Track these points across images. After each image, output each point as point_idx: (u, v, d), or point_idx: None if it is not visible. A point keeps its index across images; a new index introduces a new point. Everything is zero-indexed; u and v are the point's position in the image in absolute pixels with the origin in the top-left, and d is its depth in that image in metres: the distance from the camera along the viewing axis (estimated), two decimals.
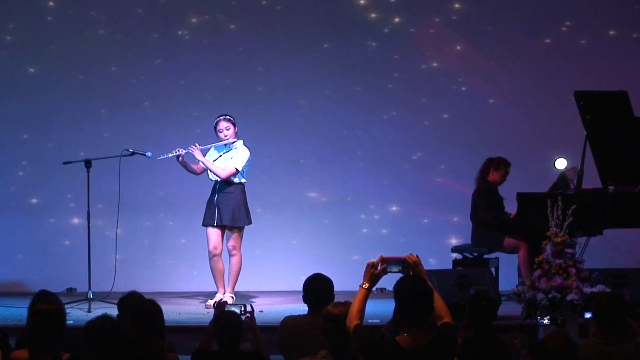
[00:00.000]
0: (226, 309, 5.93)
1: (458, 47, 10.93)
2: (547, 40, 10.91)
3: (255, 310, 8.85)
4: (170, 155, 9.23)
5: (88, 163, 9.36)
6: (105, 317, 5.19)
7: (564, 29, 10.92)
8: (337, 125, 10.94)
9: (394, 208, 10.94)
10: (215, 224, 9.21)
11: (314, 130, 10.91)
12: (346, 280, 8.00)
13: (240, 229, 9.26)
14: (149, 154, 9.50)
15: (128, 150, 9.48)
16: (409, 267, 4.80)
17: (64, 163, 9.59)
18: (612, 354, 5.41)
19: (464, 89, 10.94)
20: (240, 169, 9.20)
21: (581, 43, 10.88)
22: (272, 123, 10.88)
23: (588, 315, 7.60)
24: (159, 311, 5.14)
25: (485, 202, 9.64)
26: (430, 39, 10.94)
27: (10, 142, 10.73)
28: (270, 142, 10.80)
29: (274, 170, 10.81)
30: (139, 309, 5.16)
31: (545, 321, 7.94)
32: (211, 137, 9.41)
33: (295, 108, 10.92)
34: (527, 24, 10.90)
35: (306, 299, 6.17)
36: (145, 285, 9.51)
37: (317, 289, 6.13)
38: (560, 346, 4.76)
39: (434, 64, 10.96)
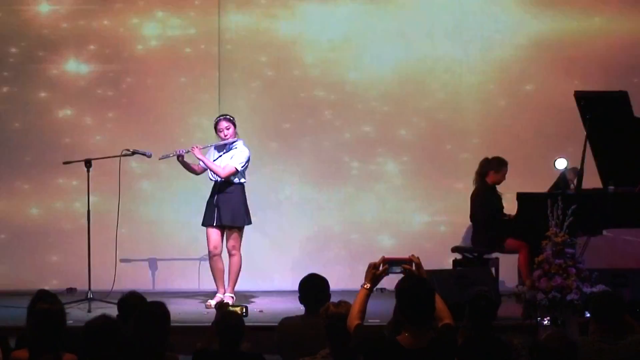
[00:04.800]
0: (228, 310, 5.94)
1: (458, 46, 10.92)
2: (548, 40, 10.89)
3: (255, 310, 8.94)
4: (170, 155, 9.24)
5: (88, 163, 9.36)
6: (105, 317, 5.19)
7: (564, 28, 10.90)
8: (338, 126, 10.94)
9: (394, 208, 10.92)
10: (214, 224, 9.21)
11: (314, 130, 10.91)
12: (345, 280, 8.02)
13: (240, 229, 9.26)
14: (149, 153, 9.50)
15: (128, 150, 9.48)
16: (415, 266, 4.81)
17: (64, 163, 9.59)
18: (610, 351, 5.42)
19: (462, 88, 10.92)
20: (240, 168, 9.20)
21: (582, 43, 10.86)
22: (272, 123, 10.88)
23: (588, 315, 7.61)
24: (167, 315, 5.13)
25: (485, 202, 9.64)
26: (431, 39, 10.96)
27: (10, 142, 10.72)
28: (270, 142, 10.79)
29: (274, 170, 10.81)
30: (147, 311, 5.14)
31: (546, 321, 7.94)
32: (211, 137, 9.41)
33: (297, 108, 10.91)
34: (529, 23, 10.89)
35: (302, 299, 6.18)
36: (145, 285, 9.53)
37: (312, 289, 6.14)
38: (560, 346, 4.77)
39: (433, 63, 10.95)
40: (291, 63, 10.93)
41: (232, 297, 9.22)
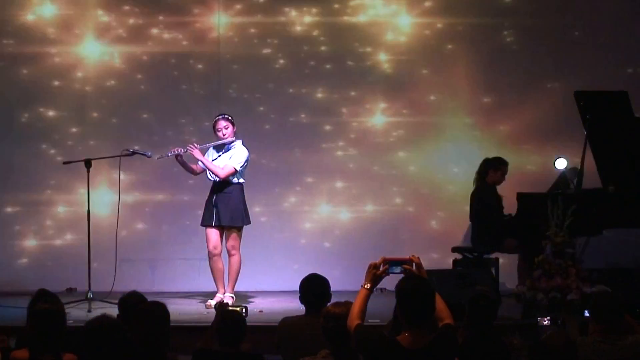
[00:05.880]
0: (228, 310, 5.94)
1: (458, 47, 10.91)
2: (548, 39, 10.89)
3: (255, 310, 8.94)
4: (169, 154, 9.23)
5: (88, 163, 9.34)
6: (105, 317, 5.18)
7: (564, 27, 10.90)
8: (341, 124, 10.93)
9: (394, 208, 10.92)
10: (213, 224, 9.21)
11: (314, 129, 10.90)
12: (345, 280, 8.01)
13: (239, 229, 9.25)
14: (149, 153, 9.49)
15: (128, 150, 9.47)
16: (415, 267, 4.81)
17: (64, 163, 9.59)
18: (610, 351, 5.43)
19: (462, 89, 10.92)
20: (239, 168, 9.19)
21: (582, 42, 10.86)
22: (274, 121, 10.87)
23: (588, 314, 7.61)
24: (166, 315, 5.13)
25: (484, 202, 9.64)
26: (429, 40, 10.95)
27: (10, 141, 10.71)
28: (272, 141, 10.78)
29: (274, 170, 10.80)
30: (147, 311, 5.14)
31: (546, 321, 7.95)
32: (210, 137, 9.40)
33: (301, 105, 10.88)
34: (527, 23, 10.90)
35: (303, 299, 6.18)
36: (145, 285, 9.51)
37: (313, 289, 6.14)
38: (560, 346, 4.77)
39: (432, 64, 10.94)
40: (300, 56, 10.89)
41: (232, 297, 9.21)
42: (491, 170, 9.74)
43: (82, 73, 10.78)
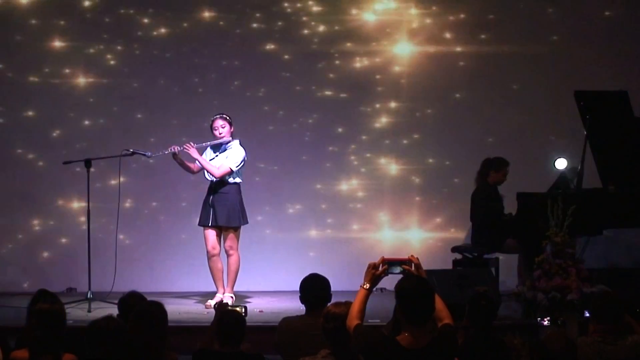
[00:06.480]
0: (228, 310, 5.95)
1: (458, 46, 10.90)
2: (548, 39, 10.89)
3: (255, 310, 8.94)
4: (165, 152, 9.21)
5: (88, 163, 9.34)
6: (109, 318, 5.18)
7: (564, 27, 10.90)
8: (336, 125, 10.93)
9: (393, 208, 10.92)
10: (210, 224, 9.19)
11: (315, 128, 10.89)
12: (345, 280, 8.00)
13: (236, 229, 9.23)
14: (148, 153, 9.48)
15: (128, 150, 9.46)
16: (414, 267, 4.82)
17: (64, 163, 9.58)
18: (610, 352, 5.44)
19: (462, 88, 10.91)
20: (235, 168, 9.16)
21: (582, 42, 10.86)
22: (272, 121, 10.86)
23: (588, 314, 7.63)
24: (163, 315, 5.13)
25: (485, 203, 9.64)
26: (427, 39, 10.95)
27: (11, 141, 10.71)
28: (269, 140, 10.77)
29: (273, 170, 10.79)
30: (144, 311, 5.14)
31: (546, 321, 7.96)
32: (208, 137, 9.38)
33: (300, 104, 10.87)
34: (528, 22, 10.89)
35: (303, 299, 6.18)
36: (145, 285, 9.51)
37: (313, 289, 6.14)
38: (560, 346, 4.78)
39: (431, 64, 10.94)
40: (308, 50, 10.82)
41: (232, 297, 9.21)
42: (492, 171, 9.74)
43: (69, 69, 10.76)
